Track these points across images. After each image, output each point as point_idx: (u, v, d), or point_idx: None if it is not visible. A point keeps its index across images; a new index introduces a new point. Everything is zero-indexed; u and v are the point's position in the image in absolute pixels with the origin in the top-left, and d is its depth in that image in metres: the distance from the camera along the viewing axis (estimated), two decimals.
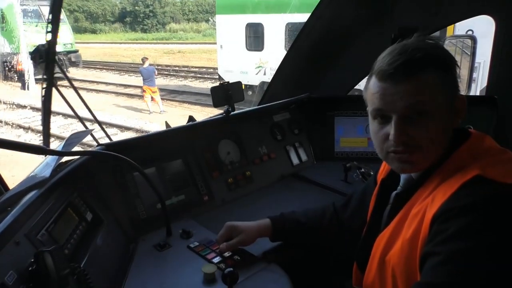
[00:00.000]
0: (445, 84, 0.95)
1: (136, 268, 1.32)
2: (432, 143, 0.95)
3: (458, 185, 0.86)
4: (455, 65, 0.98)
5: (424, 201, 0.94)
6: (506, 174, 0.85)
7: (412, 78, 0.93)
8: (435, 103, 0.94)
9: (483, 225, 0.80)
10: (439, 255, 0.81)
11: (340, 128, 2.29)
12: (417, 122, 0.94)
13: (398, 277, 0.96)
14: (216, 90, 1.85)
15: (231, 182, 1.89)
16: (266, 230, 1.43)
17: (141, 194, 1.60)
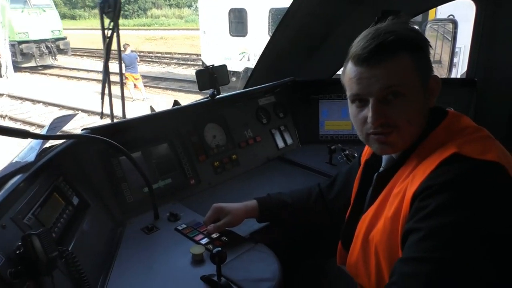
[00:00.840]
0: (418, 65, 0.97)
1: (124, 251, 1.33)
2: (409, 123, 0.98)
3: (436, 163, 0.89)
4: (428, 46, 1.00)
5: (405, 181, 0.96)
6: (482, 151, 0.88)
7: (385, 61, 0.95)
8: (409, 84, 0.96)
9: (461, 200, 0.83)
10: (420, 231, 0.84)
11: (324, 111, 2.32)
12: (393, 103, 0.97)
13: (381, 254, 0.99)
14: (201, 73, 1.84)
15: (218, 165, 1.90)
16: (253, 211, 1.45)
17: (127, 178, 1.59)
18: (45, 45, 16.45)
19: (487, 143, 0.94)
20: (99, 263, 1.26)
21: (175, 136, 1.82)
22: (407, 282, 0.82)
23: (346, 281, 1.43)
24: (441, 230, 0.82)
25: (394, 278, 0.86)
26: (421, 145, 1.00)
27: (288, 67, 2.50)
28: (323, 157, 2.03)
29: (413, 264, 0.83)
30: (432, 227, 0.83)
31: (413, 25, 1.02)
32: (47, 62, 16.66)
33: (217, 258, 1.10)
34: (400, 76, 0.96)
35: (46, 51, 16.55)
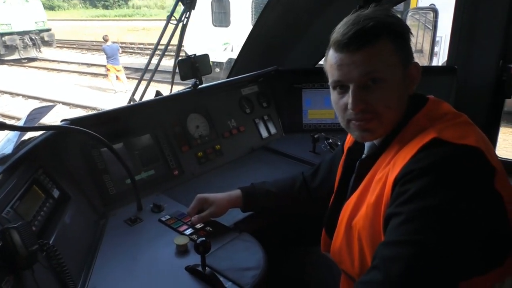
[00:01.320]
0: (398, 51, 0.98)
1: (107, 243, 1.32)
2: (389, 109, 0.99)
3: (417, 149, 0.90)
4: (409, 33, 1.01)
5: (387, 167, 0.97)
6: (462, 136, 0.90)
7: (365, 47, 0.96)
8: (389, 70, 0.97)
9: (441, 184, 0.84)
10: (401, 215, 0.85)
11: (307, 100, 2.32)
12: (373, 89, 0.98)
13: (364, 240, 1.00)
14: (183, 63, 1.82)
15: (201, 156, 1.89)
16: (237, 201, 1.44)
17: (109, 169, 1.57)
18: (29, 37, 15.86)
19: (466, 128, 0.95)
20: (82, 255, 1.24)
21: (157, 126, 1.80)
22: (388, 265, 0.83)
23: (331, 268, 1.44)
24: (421, 213, 0.83)
25: (376, 261, 0.87)
26: (402, 131, 1.01)
27: (271, 57, 2.48)
28: (307, 146, 2.03)
29: (394, 248, 0.84)
30: (412, 210, 0.84)
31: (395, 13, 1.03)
32: (31, 54, 16.06)
33: (202, 248, 1.10)
34: (380, 61, 0.96)
35: (30, 43, 15.95)
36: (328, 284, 1.45)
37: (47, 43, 16.55)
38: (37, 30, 16.10)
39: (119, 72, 11.09)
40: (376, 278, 0.84)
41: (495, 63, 1.99)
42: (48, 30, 16.56)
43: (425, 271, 0.81)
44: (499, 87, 2.03)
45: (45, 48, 16.73)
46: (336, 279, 1.31)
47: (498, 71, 2.00)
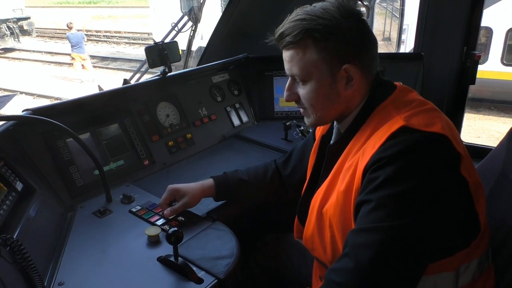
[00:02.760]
0: (323, 53, 1.00)
1: (76, 236, 1.28)
2: (313, 107, 1.07)
3: (385, 137, 0.91)
4: (339, 33, 0.99)
5: (356, 154, 0.99)
6: (428, 123, 0.92)
7: (290, 46, 1.02)
8: (311, 72, 1.02)
9: (408, 170, 0.86)
10: (371, 202, 0.87)
11: (279, 88, 2.31)
12: (302, 86, 1.06)
13: (335, 227, 1.02)
14: (150, 50, 1.77)
15: (172, 145, 1.86)
16: (209, 190, 1.43)
17: (76, 160, 1.52)
18: (6, 25, 14.66)
19: (432, 115, 0.97)
20: (49, 250, 1.20)
21: (126, 116, 1.75)
22: (358, 252, 0.85)
23: (304, 255, 1.46)
24: (390, 200, 0.85)
25: (347, 249, 0.88)
26: (370, 119, 1.02)
27: (241, 44, 2.46)
28: (279, 134, 2.03)
29: (364, 235, 0.85)
30: (381, 197, 0.85)
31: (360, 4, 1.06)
32: (9, 44, 14.85)
33: (173, 238, 1.08)
34: (301, 63, 1.02)
35: (8, 32, 14.75)
36: (301, 271, 1.47)
37: (26, 32, 15.56)
38: (15, 18, 14.97)
39: (85, 61, 10.75)
40: (347, 266, 0.85)
41: (459, 50, 2.05)
42: (27, 19, 15.52)
43: (395, 257, 0.83)
44: (464, 73, 2.09)
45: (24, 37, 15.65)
46: (309, 265, 1.32)
47: (462, 57, 2.06)
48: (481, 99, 7.23)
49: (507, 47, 6.79)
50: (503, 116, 7.31)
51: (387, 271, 0.83)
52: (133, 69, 11.75)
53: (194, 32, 2.36)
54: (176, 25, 2.29)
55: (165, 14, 10.43)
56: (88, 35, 15.54)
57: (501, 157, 1.29)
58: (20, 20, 15.25)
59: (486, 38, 6.70)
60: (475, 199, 0.92)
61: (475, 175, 0.94)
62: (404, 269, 0.83)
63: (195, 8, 2.50)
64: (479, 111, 7.42)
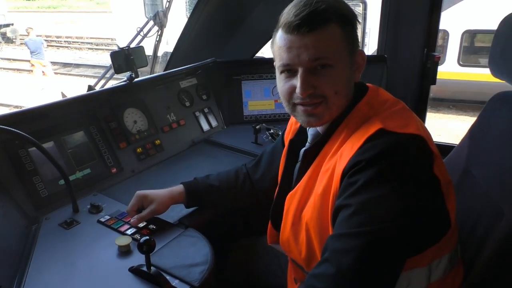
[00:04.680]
0: (347, 37, 0.98)
1: (41, 250, 1.22)
2: (336, 94, 0.99)
3: (363, 140, 0.91)
4: (356, 20, 1.02)
5: (333, 157, 0.98)
6: (404, 124, 0.93)
7: (316, 30, 0.94)
8: (338, 55, 0.97)
9: (387, 173, 0.86)
10: (350, 207, 0.86)
11: (247, 92, 2.32)
12: (321, 74, 0.97)
13: (312, 230, 1.01)
14: (116, 55, 1.74)
15: (140, 151, 1.82)
16: (179, 197, 1.40)
17: (39, 170, 1.46)
18: None
19: (406, 115, 0.99)
20: (13, 265, 1.14)
21: (91, 123, 1.70)
22: (339, 258, 0.84)
23: (278, 258, 1.47)
24: (369, 204, 0.85)
25: (327, 254, 0.87)
26: (346, 120, 1.02)
27: (208, 49, 2.45)
28: (249, 137, 2.03)
29: (344, 240, 0.85)
30: (361, 202, 0.85)
31: None
32: None
33: (145, 247, 1.05)
34: (330, 46, 0.96)
35: None
36: (275, 274, 1.47)
37: (9, 40, 14.33)
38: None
39: (45, 67, 10.39)
40: (328, 271, 0.84)
41: (420, 52, 2.12)
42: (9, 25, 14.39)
43: (376, 260, 0.83)
44: (425, 74, 2.16)
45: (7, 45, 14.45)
46: (284, 268, 1.32)
47: (423, 59, 2.14)
48: (441, 99, 7.53)
49: (462, 49, 7.12)
50: (461, 114, 7.65)
51: (369, 275, 0.83)
52: (97, 75, 11.45)
53: (160, 37, 2.33)
54: (142, 30, 2.25)
55: (129, 19, 10.27)
56: (48, 40, 14.99)
57: (463, 154, 1.34)
58: (3, 27, 14.24)
59: (443, 41, 6.99)
60: (446, 196, 0.94)
61: (446, 173, 0.96)
62: (385, 272, 0.84)
63: (160, 13, 2.47)
64: (439, 110, 7.72)
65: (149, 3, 9.97)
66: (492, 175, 1.19)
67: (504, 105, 1.26)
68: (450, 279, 1.02)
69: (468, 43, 7.26)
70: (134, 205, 1.35)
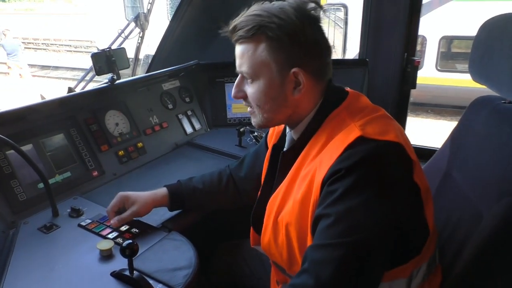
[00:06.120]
0: (277, 56, 0.97)
1: (19, 255, 1.19)
2: (259, 107, 1.03)
3: (343, 148, 0.89)
4: (293, 36, 0.96)
5: (312, 163, 0.97)
6: (383, 131, 0.92)
7: (244, 42, 0.99)
8: (259, 70, 0.99)
9: (365, 181, 0.85)
10: (329, 216, 0.85)
11: (230, 94, 2.30)
12: (250, 84, 1.03)
13: (292, 234, 1.00)
14: (97, 57, 1.71)
15: (122, 154, 1.79)
16: (162, 199, 1.38)
17: (17, 173, 1.42)
18: None
19: (385, 122, 0.98)
20: None
21: (71, 125, 1.66)
22: (318, 269, 0.83)
23: (261, 260, 1.46)
24: (348, 214, 0.84)
25: (306, 265, 0.86)
26: (324, 125, 1.01)
27: (191, 51, 2.44)
28: (233, 140, 2.02)
29: (323, 251, 0.84)
30: (339, 212, 0.84)
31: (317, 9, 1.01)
32: None
33: (128, 251, 1.03)
34: (253, 62, 0.98)
35: None
36: (259, 276, 1.46)
37: None
38: None
39: (22, 69, 10.16)
40: (308, 283, 0.84)
41: (401, 56, 2.16)
42: None
43: (356, 271, 0.82)
44: (405, 78, 2.20)
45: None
46: (267, 270, 1.32)
47: (403, 63, 2.17)
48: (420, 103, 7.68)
49: (440, 54, 7.28)
50: (439, 118, 7.81)
51: (348, 286, 0.83)
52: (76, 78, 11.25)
53: (142, 39, 2.31)
54: (123, 32, 2.22)
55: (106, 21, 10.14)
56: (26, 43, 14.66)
57: (445, 157, 1.36)
58: None
59: (421, 46, 7.14)
60: (425, 203, 0.94)
61: (425, 180, 0.96)
62: (365, 282, 0.84)
63: (142, 15, 2.45)
64: (418, 115, 7.87)
65: (129, 5, 9.87)
66: (472, 178, 1.20)
67: (483, 109, 1.28)
68: (427, 284, 1.03)
69: (446, 49, 7.43)
70: (115, 206, 1.32)
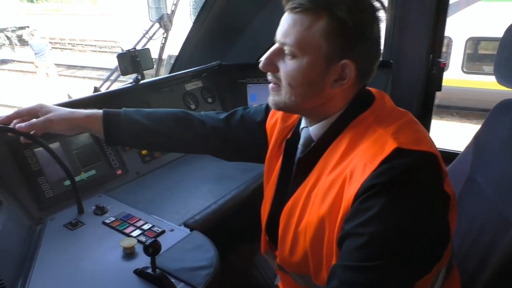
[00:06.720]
0: (333, 38, 0.87)
1: (46, 250, 1.22)
2: (290, 87, 0.93)
3: (379, 161, 0.82)
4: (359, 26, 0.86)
5: (335, 172, 0.90)
6: (416, 140, 0.86)
7: (302, 12, 0.87)
8: (309, 50, 0.88)
9: (403, 201, 0.79)
10: (361, 236, 0.79)
11: (253, 96, 2.32)
12: (290, 59, 0.91)
13: (316, 248, 0.94)
14: (123, 57, 1.74)
15: (146, 154, 1.82)
16: (91, 122, 1.24)
17: (45, 171, 1.46)
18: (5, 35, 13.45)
19: (415, 128, 0.92)
20: (17, 265, 1.14)
21: None
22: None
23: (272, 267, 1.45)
24: (382, 236, 0.78)
25: (335, 283, 0.81)
26: (347, 129, 0.93)
27: (214, 52, 2.45)
28: None
29: (355, 273, 0.78)
30: (373, 232, 0.78)
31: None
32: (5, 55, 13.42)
33: (151, 249, 1.04)
34: (304, 36, 0.88)
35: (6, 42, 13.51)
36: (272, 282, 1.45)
37: (25, 43, 13.78)
38: (14, 28, 13.73)
39: (49, 69, 10.43)
40: None
41: (426, 58, 2.12)
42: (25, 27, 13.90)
43: None
44: (430, 80, 2.16)
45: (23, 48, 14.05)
46: None
47: (428, 65, 2.13)
48: (444, 105, 7.53)
49: (466, 56, 7.12)
50: (464, 121, 7.64)
51: None
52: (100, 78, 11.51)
53: (166, 39, 2.34)
54: (147, 32, 2.25)
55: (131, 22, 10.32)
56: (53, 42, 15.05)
57: (468, 161, 1.33)
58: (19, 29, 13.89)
59: (447, 47, 6.99)
60: (450, 210, 0.89)
61: (451, 186, 0.90)
62: None
63: (166, 16, 2.48)
64: (442, 117, 7.71)
65: (153, 7, 10.03)
66: (497, 182, 1.18)
67: (508, 113, 1.25)
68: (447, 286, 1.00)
69: (472, 50, 7.26)
70: (23, 111, 1.20)
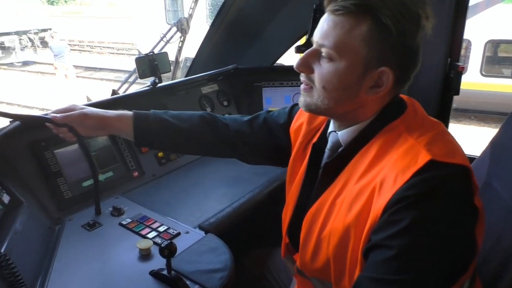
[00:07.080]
0: (374, 44, 0.86)
1: (64, 250, 1.24)
2: (324, 90, 0.91)
3: (411, 173, 0.80)
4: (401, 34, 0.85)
5: (364, 180, 0.88)
6: (450, 153, 0.84)
7: (343, 15, 0.86)
8: (348, 54, 0.87)
9: (435, 215, 0.78)
10: (390, 249, 0.77)
11: (268, 99, 2.32)
12: (327, 62, 0.90)
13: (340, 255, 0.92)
14: (141, 61, 1.76)
15: (162, 156, 1.84)
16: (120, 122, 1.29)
17: (64, 172, 1.49)
18: (28, 36, 13.55)
19: (448, 140, 0.90)
20: (37, 263, 1.17)
21: None
22: None
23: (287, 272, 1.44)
24: (411, 250, 0.77)
25: None
26: (378, 136, 0.92)
27: (229, 55, 2.47)
28: None
29: (382, 285, 0.77)
30: (402, 246, 0.76)
31: None
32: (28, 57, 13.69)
33: (167, 251, 1.06)
34: (344, 39, 0.86)
35: (29, 44, 13.60)
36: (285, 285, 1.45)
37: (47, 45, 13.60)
38: (36, 30, 13.79)
39: (68, 70, 10.63)
40: None
41: (444, 61, 2.09)
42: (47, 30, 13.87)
43: None
44: (448, 84, 2.13)
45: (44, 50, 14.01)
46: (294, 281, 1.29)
47: (446, 69, 2.10)
48: (462, 109, 7.40)
49: (485, 59, 7.00)
50: (482, 125, 7.50)
51: None
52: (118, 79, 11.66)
53: (183, 43, 2.36)
54: (165, 36, 2.29)
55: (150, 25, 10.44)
56: (71, 45, 15.32)
57: (484, 166, 1.30)
58: (42, 31, 14.02)
59: (465, 50, 6.88)
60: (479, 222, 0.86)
61: (480, 200, 0.87)
62: None
63: (183, 19, 2.51)
64: (459, 121, 7.59)
65: (170, 10, 10.14)
66: None
67: None
68: None
69: (491, 53, 7.14)
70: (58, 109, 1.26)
